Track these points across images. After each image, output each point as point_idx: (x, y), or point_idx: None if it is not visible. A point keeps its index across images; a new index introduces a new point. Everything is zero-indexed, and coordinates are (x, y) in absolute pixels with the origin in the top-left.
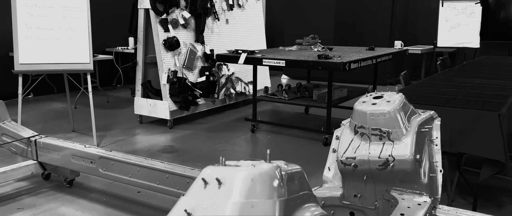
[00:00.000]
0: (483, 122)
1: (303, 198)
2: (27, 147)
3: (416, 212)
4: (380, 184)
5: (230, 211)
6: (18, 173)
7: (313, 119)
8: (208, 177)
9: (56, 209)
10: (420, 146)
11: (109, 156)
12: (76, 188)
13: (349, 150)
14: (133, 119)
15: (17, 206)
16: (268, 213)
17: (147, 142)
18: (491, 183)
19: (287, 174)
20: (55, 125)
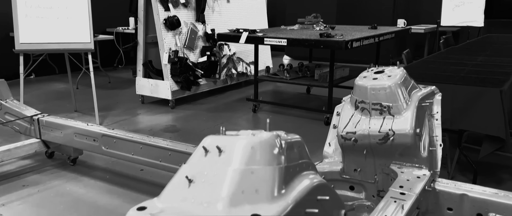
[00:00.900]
0: (485, 99)
1: (302, 166)
2: (30, 125)
3: (415, 184)
4: (379, 158)
5: (231, 177)
6: (22, 151)
7: (315, 99)
8: (208, 146)
9: (60, 186)
10: (420, 120)
11: (111, 134)
12: (80, 166)
13: (350, 124)
14: (135, 99)
15: (22, 183)
16: (267, 179)
17: (149, 122)
18: (491, 160)
19: (287, 143)
20: (57, 105)
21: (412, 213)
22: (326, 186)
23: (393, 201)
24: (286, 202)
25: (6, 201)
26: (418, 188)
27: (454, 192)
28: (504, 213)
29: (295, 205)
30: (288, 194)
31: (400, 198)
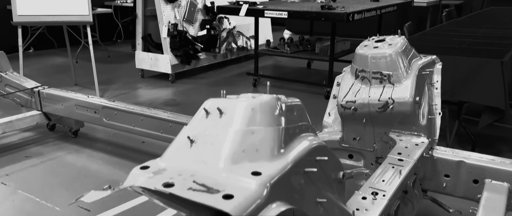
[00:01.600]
0: (485, 70)
1: (301, 128)
2: (31, 97)
3: (413, 151)
4: (379, 126)
5: (232, 137)
6: (24, 123)
7: (315, 73)
8: (209, 108)
9: (62, 157)
10: (420, 88)
11: (112, 105)
12: (81, 138)
13: (350, 94)
14: (134, 73)
15: (25, 154)
16: (267, 139)
17: (150, 96)
18: (490, 132)
19: (287, 106)
20: (57, 79)
21: (409, 179)
22: (325, 148)
23: (391, 166)
24: (285, 161)
25: (10, 172)
26: (416, 154)
27: (452, 159)
28: (500, 179)
29: (294, 165)
30: (288, 153)
31: (398, 164)
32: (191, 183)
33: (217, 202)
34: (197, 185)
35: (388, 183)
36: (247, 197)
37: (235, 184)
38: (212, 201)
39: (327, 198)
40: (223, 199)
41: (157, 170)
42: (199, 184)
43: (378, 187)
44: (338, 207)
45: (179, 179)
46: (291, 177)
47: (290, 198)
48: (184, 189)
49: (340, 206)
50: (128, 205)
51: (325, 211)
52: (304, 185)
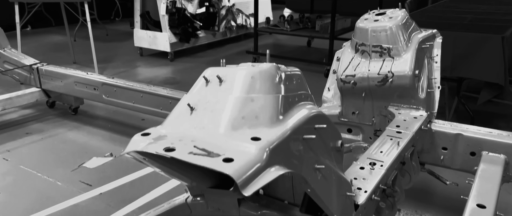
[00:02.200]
0: (486, 45)
1: (301, 97)
2: (30, 74)
3: (412, 124)
4: (378, 100)
5: (232, 104)
6: (23, 100)
7: (315, 52)
8: (209, 76)
9: (63, 134)
10: (419, 62)
11: (111, 82)
12: (81, 115)
13: (349, 68)
14: (133, 52)
15: (25, 131)
16: (267, 106)
17: (149, 74)
18: (489, 109)
19: (286, 74)
20: (56, 57)
21: (407, 150)
22: (323, 116)
23: (389, 138)
24: (284, 127)
25: (11, 147)
26: (415, 127)
27: (450, 132)
28: (497, 151)
29: (293, 131)
30: (287, 120)
31: (396, 136)
32: (191, 147)
33: (218, 165)
34: (197, 149)
35: (386, 154)
36: (247, 160)
37: (235, 148)
38: (213, 164)
39: (325, 165)
40: (223, 162)
41: (158, 136)
42: (200, 148)
43: (376, 158)
44: (336, 174)
45: (180, 144)
46: (290, 143)
47: (288, 163)
48: (185, 153)
49: (338, 174)
50: (128, 178)
51: (323, 178)
52: (302, 151)
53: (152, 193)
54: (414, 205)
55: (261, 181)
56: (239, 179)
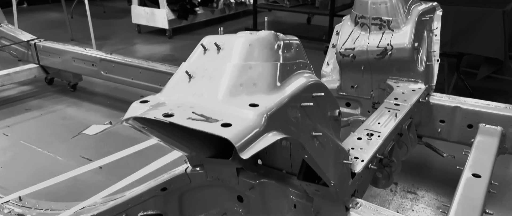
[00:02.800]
0: (487, 20)
1: (299, 65)
2: (27, 50)
3: (410, 97)
4: (377, 73)
5: (230, 71)
6: (21, 76)
7: (315, 29)
8: (207, 44)
9: (62, 110)
10: (419, 34)
11: (109, 58)
12: (80, 92)
13: (349, 41)
14: (131, 29)
15: (25, 107)
16: (265, 74)
17: (147, 51)
18: (488, 85)
19: (284, 42)
20: (53, 34)
21: (404, 122)
22: (321, 85)
23: (387, 110)
24: (282, 95)
25: (11, 123)
26: (413, 100)
27: (448, 105)
28: (493, 123)
29: (291, 99)
30: (285, 88)
31: (394, 108)
32: (190, 113)
33: (216, 130)
34: (196, 115)
35: (383, 126)
36: (245, 126)
37: (233, 114)
38: (211, 128)
39: (322, 133)
40: (221, 127)
41: (157, 103)
42: (198, 114)
43: (374, 129)
44: (333, 143)
45: (178, 110)
46: (287, 110)
47: (286, 129)
48: (184, 119)
49: (335, 142)
50: (127, 152)
51: (320, 145)
52: (300, 118)
53: (152, 165)
54: (410, 179)
55: (259, 145)
56: (238, 143)
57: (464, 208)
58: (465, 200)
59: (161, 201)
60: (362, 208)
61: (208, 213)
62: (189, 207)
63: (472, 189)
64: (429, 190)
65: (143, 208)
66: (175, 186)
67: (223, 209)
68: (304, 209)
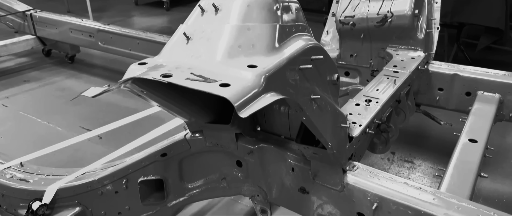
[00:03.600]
0: None
1: (298, 28)
2: (24, 21)
3: (409, 64)
4: (376, 42)
5: (228, 32)
6: (19, 47)
7: (315, 0)
8: (205, 5)
9: (61, 82)
10: (419, 1)
11: (107, 29)
12: (78, 64)
13: (348, 8)
14: (128, 1)
15: (23, 79)
16: (263, 35)
17: (144, 23)
18: (488, 56)
19: (283, 4)
20: (49, 6)
21: (403, 89)
22: (320, 48)
23: (386, 78)
24: (281, 56)
25: (9, 94)
26: (412, 67)
27: (446, 73)
28: (492, 91)
29: (289, 61)
30: (283, 50)
31: (393, 75)
32: (188, 74)
33: (215, 89)
34: (194, 76)
35: (382, 92)
36: (244, 86)
37: (232, 75)
38: (210, 88)
39: (321, 96)
40: (220, 87)
41: (155, 65)
42: (197, 75)
43: (372, 95)
44: (331, 106)
45: (177, 72)
46: (286, 71)
47: (284, 91)
48: (182, 79)
49: (334, 106)
50: (126, 121)
51: (319, 108)
52: (298, 81)
53: (151, 133)
54: (408, 149)
55: (257, 105)
56: (236, 103)
57: (459, 171)
58: (461, 164)
59: (161, 167)
60: (359, 171)
61: (207, 178)
62: (188, 172)
63: (468, 154)
64: (426, 159)
65: (144, 173)
66: (174, 152)
67: (222, 174)
68: (302, 173)
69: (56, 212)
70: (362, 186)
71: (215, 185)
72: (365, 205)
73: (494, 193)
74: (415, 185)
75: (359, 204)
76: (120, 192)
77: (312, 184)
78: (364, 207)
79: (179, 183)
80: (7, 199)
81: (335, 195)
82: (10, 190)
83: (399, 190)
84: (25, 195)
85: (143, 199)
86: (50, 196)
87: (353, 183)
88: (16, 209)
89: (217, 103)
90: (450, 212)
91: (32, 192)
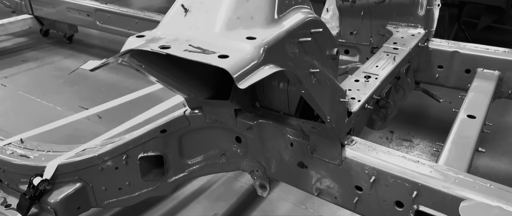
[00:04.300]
0: None
1: (297, 0)
2: (21, 0)
3: (409, 41)
4: (376, 19)
5: (226, 5)
6: (16, 27)
7: None
8: None
9: (59, 62)
10: None
11: (105, 8)
12: (76, 44)
13: None
14: None
15: (21, 59)
16: (262, 7)
17: (142, 4)
18: (488, 36)
19: None
20: None
21: (403, 66)
22: (320, 22)
23: (385, 54)
24: (280, 29)
25: (8, 74)
26: (412, 44)
27: (446, 50)
28: (491, 68)
29: (288, 33)
30: (282, 22)
31: (392, 52)
32: (187, 46)
33: (213, 60)
34: (193, 47)
35: (381, 68)
36: (243, 57)
37: (230, 47)
38: (208, 59)
39: (320, 70)
40: (219, 58)
41: (153, 37)
42: (195, 47)
43: (371, 72)
44: (330, 81)
45: (175, 43)
46: (285, 44)
47: (283, 63)
48: (180, 51)
49: (333, 80)
50: (125, 99)
51: (318, 82)
52: (297, 54)
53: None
54: (406, 128)
55: (256, 77)
56: (235, 74)
57: (457, 146)
58: (459, 139)
59: (161, 143)
60: (357, 145)
61: (207, 154)
62: (188, 148)
63: (466, 129)
64: (424, 138)
65: (143, 149)
66: (174, 128)
67: (222, 150)
68: (301, 147)
69: (57, 187)
70: (360, 159)
71: (214, 161)
72: (363, 178)
73: (491, 170)
74: (413, 159)
75: (357, 178)
76: (121, 168)
77: (310, 158)
78: (362, 181)
79: (179, 159)
80: (8, 175)
81: (333, 169)
82: (10, 165)
83: (396, 163)
84: (26, 170)
85: (143, 175)
86: (50, 171)
87: (351, 157)
88: (18, 185)
89: (216, 79)
90: (447, 184)
91: (33, 168)
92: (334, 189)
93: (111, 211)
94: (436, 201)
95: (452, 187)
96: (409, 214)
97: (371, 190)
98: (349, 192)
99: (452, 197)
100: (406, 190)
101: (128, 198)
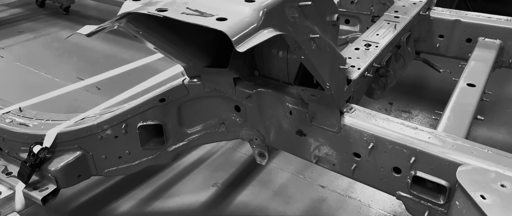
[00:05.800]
0: None
1: None
2: None
3: (410, 10)
4: None
5: None
6: None
7: None
8: None
9: (56, 33)
10: None
11: None
12: (73, 15)
13: None
14: None
15: (18, 30)
16: None
17: None
18: (491, 7)
19: None
20: None
21: (403, 34)
22: None
23: (386, 22)
24: None
25: (5, 45)
26: (413, 12)
27: (448, 18)
28: (493, 37)
29: None
30: None
31: (393, 20)
32: (184, 9)
33: (211, 23)
34: (190, 10)
35: (382, 37)
36: (242, 20)
37: (229, 9)
38: (206, 22)
39: (320, 36)
40: (217, 21)
41: (150, 1)
42: (193, 9)
43: (372, 40)
44: (330, 47)
45: (172, 6)
46: (285, 8)
47: (283, 28)
48: (178, 14)
49: (333, 47)
50: (123, 69)
51: (317, 48)
52: (297, 18)
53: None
54: (406, 99)
55: (255, 40)
56: (234, 37)
57: (456, 113)
58: (458, 106)
59: (160, 112)
60: (356, 112)
61: (206, 123)
62: (187, 117)
63: (466, 97)
64: (423, 109)
65: (143, 118)
66: (173, 97)
67: (221, 119)
68: (300, 115)
69: (57, 156)
70: (359, 126)
71: (214, 130)
72: (361, 145)
73: (489, 140)
74: (412, 125)
75: (355, 145)
76: (120, 136)
77: (309, 126)
78: (360, 147)
79: (178, 128)
80: (8, 143)
81: (332, 137)
82: (10, 134)
83: (395, 130)
84: (26, 139)
85: (143, 144)
86: (50, 140)
87: (350, 124)
88: (18, 153)
89: (214, 46)
90: (445, 149)
91: (32, 136)
92: (332, 156)
93: (112, 180)
94: (434, 167)
95: (449, 153)
96: (406, 180)
97: (369, 157)
98: (347, 159)
99: (449, 162)
100: (404, 156)
101: (128, 166)
